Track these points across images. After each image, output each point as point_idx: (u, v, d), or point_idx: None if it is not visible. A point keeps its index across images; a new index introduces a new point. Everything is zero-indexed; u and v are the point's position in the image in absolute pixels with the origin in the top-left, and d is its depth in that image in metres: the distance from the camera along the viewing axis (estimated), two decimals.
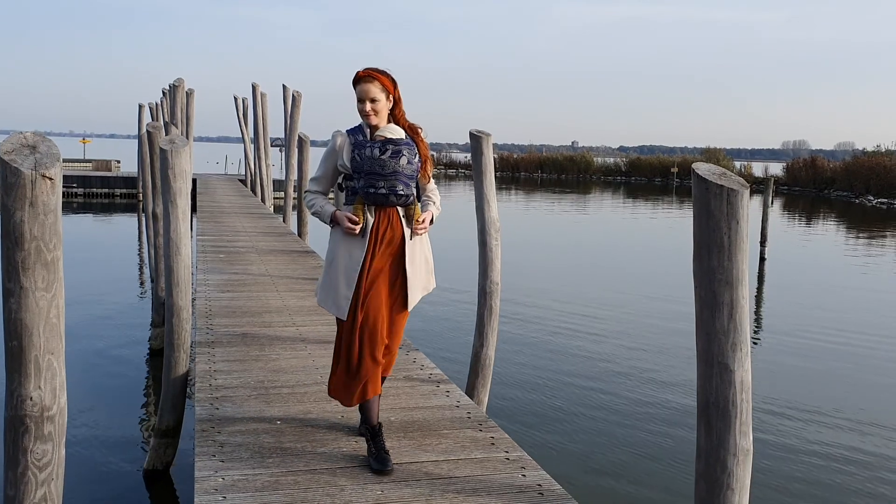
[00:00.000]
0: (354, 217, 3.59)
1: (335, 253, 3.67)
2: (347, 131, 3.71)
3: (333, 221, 3.67)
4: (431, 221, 3.79)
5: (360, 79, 3.60)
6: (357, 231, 3.59)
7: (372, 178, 3.57)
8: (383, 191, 3.58)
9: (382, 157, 3.56)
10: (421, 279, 3.77)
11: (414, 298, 3.72)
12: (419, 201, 3.78)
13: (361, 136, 3.65)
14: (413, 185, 3.67)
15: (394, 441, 3.90)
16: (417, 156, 3.67)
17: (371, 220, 3.61)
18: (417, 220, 3.68)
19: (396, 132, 3.63)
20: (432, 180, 3.86)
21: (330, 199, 3.84)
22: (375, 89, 3.59)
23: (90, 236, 19.29)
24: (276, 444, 3.81)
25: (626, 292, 13.69)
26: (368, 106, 3.60)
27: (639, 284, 14.52)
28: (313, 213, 3.76)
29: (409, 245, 3.68)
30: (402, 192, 3.60)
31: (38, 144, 2.07)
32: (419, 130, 3.76)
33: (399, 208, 3.66)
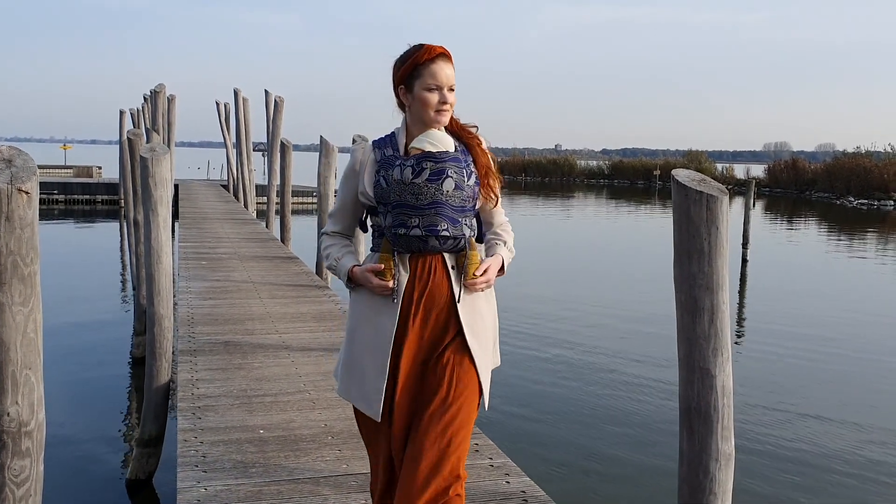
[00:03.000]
0: (379, 268, 2.50)
1: (356, 323, 2.59)
2: (374, 143, 2.60)
3: (353, 282, 2.59)
4: (501, 270, 2.62)
5: (438, 56, 2.47)
6: (388, 289, 2.49)
7: (402, 212, 2.44)
8: (417, 231, 2.43)
9: (416, 180, 2.43)
10: (487, 356, 2.58)
11: (485, 385, 2.55)
12: (480, 241, 2.65)
13: (391, 149, 2.54)
14: (467, 219, 2.50)
15: None
16: (473, 174, 2.52)
17: (404, 275, 2.49)
18: (474, 273, 2.52)
19: (441, 141, 2.51)
20: (501, 208, 2.67)
21: (346, 246, 2.69)
22: (454, 75, 2.52)
23: (72, 243, 19.15)
24: (259, 454, 3.80)
25: (611, 295, 13.73)
26: (449, 97, 2.50)
27: (623, 287, 14.57)
28: (328, 268, 2.70)
29: (465, 307, 2.51)
30: (446, 233, 2.44)
31: (13, 158, 2.05)
32: (474, 132, 2.63)
33: (445, 255, 2.51)
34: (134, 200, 10.37)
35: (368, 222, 2.68)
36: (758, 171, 61.35)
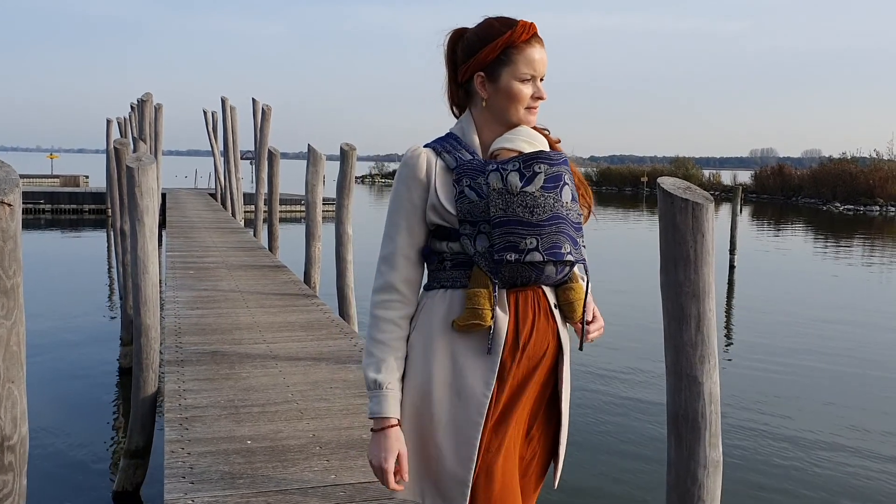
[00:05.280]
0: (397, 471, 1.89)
1: (426, 383, 1.91)
2: (432, 146, 1.99)
3: (374, 431, 1.91)
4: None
5: (533, 37, 1.95)
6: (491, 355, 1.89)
7: (511, 230, 1.85)
8: (537, 255, 1.86)
9: (528, 188, 1.86)
10: (566, 417, 2.08)
11: (560, 459, 2.08)
12: None
13: (466, 152, 1.96)
14: (583, 239, 1.97)
15: (365, 459, 3.87)
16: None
17: (502, 316, 1.89)
18: (580, 315, 1.98)
19: (537, 139, 1.98)
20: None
21: (401, 340, 1.96)
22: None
23: (58, 253, 19.05)
24: (247, 465, 3.77)
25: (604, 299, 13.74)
26: (543, 90, 1.99)
27: (613, 290, 14.61)
28: (365, 366, 1.94)
29: (566, 365, 2.01)
30: (570, 257, 1.90)
31: None
32: (549, 134, 2.08)
33: (546, 291, 1.96)
34: (121, 210, 10.32)
35: (434, 251, 2.01)
36: (744, 177, 61.69)
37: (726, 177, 63.37)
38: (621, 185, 62.42)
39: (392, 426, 1.89)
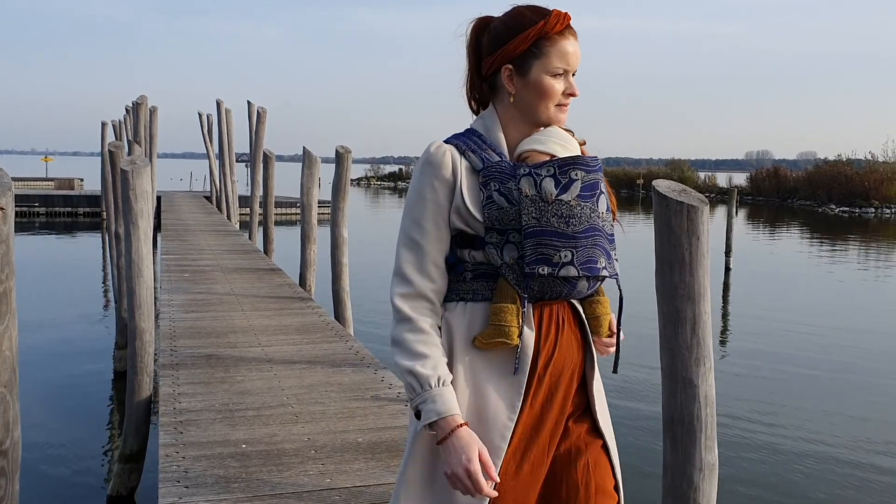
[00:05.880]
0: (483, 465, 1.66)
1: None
2: (455, 143, 1.81)
3: (441, 438, 1.69)
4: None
5: (567, 28, 1.78)
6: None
7: (545, 241, 1.70)
8: (571, 270, 1.72)
9: (563, 196, 1.72)
10: (615, 443, 1.91)
11: (621, 487, 1.90)
12: None
13: (493, 152, 1.79)
14: (615, 252, 1.84)
15: (361, 463, 3.86)
16: None
17: (529, 334, 1.75)
18: (606, 331, 1.88)
19: (570, 142, 1.84)
20: None
21: (439, 346, 1.77)
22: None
23: (53, 256, 19.00)
24: (242, 469, 3.76)
25: None
26: (575, 86, 1.82)
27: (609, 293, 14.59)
28: (404, 372, 1.74)
29: (595, 380, 1.87)
30: (605, 272, 1.78)
31: None
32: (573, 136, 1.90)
33: (575, 306, 1.84)
34: (115, 213, 10.30)
35: (459, 260, 1.83)
36: (740, 179, 61.77)
37: (722, 179, 63.46)
38: (617, 187, 61.84)
39: (461, 425, 1.68)
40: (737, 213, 21.17)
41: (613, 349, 1.89)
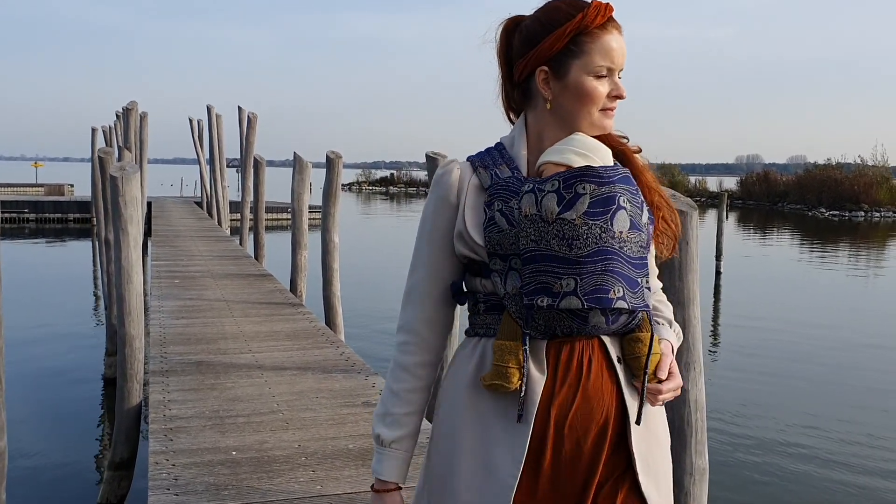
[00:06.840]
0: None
1: (450, 452, 1.56)
2: (473, 160, 1.61)
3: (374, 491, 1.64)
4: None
5: (609, 21, 1.54)
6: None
7: (543, 268, 1.46)
8: (574, 301, 1.44)
9: (566, 213, 1.46)
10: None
11: None
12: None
13: (507, 168, 1.57)
14: (646, 279, 1.51)
15: (351, 470, 3.85)
16: (645, 205, 1.55)
17: (538, 376, 1.49)
18: (656, 374, 1.52)
19: (595, 150, 1.55)
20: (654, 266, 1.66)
21: (415, 402, 1.69)
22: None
23: (43, 263, 18.92)
24: (232, 476, 3.74)
25: None
26: (622, 87, 1.57)
27: None
28: (374, 415, 1.70)
29: (640, 431, 1.53)
30: (622, 303, 1.46)
31: None
32: (628, 142, 1.65)
33: (605, 340, 1.52)
34: (105, 219, 10.26)
35: (465, 290, 1.64)
36: (730, 183, 61.98)
37: (712, 183, 63.64)
38: None
39: (390, 490, 1.61)
40: (727, 217, 21.24)
41: (672, 395, 1.55)
